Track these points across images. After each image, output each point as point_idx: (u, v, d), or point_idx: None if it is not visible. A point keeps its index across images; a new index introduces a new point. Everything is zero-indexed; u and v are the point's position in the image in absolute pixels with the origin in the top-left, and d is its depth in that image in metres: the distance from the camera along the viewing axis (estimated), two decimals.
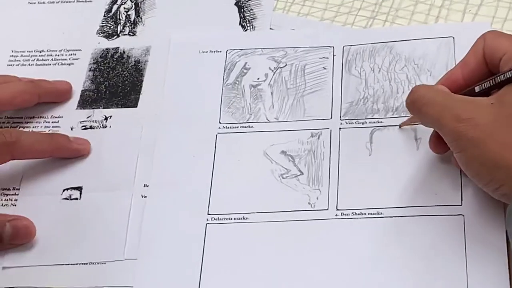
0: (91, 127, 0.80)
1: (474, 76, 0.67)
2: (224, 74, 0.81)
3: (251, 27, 0.85)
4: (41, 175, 0.77)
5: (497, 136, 0.62)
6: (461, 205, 0.69)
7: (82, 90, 0.83)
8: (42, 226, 0.75)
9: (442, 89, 0.67)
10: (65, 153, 0.77)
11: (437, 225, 0.69)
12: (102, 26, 0.87)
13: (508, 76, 0.64)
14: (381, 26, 0.83)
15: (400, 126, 0.74)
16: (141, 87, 0.82)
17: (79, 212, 0.75)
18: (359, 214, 0.71)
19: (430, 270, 0.67)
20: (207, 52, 0.83)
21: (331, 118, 0.77)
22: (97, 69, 0.84)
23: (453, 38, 0.79)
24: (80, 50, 0.86)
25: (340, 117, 0.77)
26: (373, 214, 0.71)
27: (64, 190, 0.76)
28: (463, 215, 0.69)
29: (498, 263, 0.67)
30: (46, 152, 0.76)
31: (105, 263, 0.72)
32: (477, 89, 0.66)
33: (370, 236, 0.70)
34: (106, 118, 0.80)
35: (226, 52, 0.83)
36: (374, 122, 0.76)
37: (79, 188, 0.76)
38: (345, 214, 0.71)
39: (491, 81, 0.65)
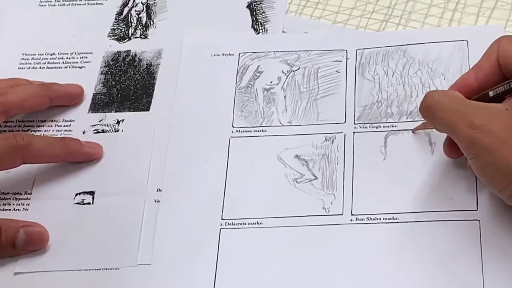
0: (103, 131, 0.80)
1: (488, 81, 0.67)
2: (236, 78, 0.81)
3: (263, 30, 0.84)
4: (53, 180, 0.77)
5: (511, 142, 0.61)
6: (476, 210, 0.69)
7: (93, 94, 0.82)
8: (54, 231, 0.74)
9: (456, 95, 0.66)
10: (77, 157, 0.77)
11: (452, 231, 0.69)
12: (114, 29, 0.87)
13: None
14: (394, 30, 0.82)
15: (413, 131, 0.74)
16: (153, 90, 0.81)
17: (91, 216, 0.75)
18: (374, 219, 0.70)
19: (446, 276, 0.67)
20: (219, 55, 0.83)
21: (345, 122, 0.76)
22: (109, 72, 0.83)
23: (467, 41, 0.78)
24: (91, 53, 0.85)
25: (354, 121, 0.76)
26: (388, 219, 0.70)
27: (76, 195, 0.76)
28: (479, 220, 0.69)
29: None
30: (58, 156, 0.76)
31: (118, 269, 0.71)
32: (491, 93, 0.66)
33: (385, 241, 0.70)
34: (118, 122, 0.80)
35: (239, 55, 0.82)
36: (388, 126, 0.75)
37: (92, 193, 0.75)
38: (360, 219, 0.71)
39: (505, 85, 0.65)
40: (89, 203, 0.75)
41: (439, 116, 0.65)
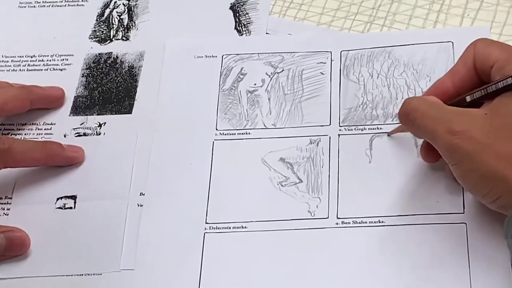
0: (84, 134, 0.78)
1: (465, 85, 0.66)
2: (220, 80, 0.80)
3: (246, 31, 0.83)
4: (34, 184, 0.76)
5: (492, 147, 0.61)
6: (463, 213, 0.69)
7: (75, 96, 0.81)
8: (35, 236, 0.73)
9: (434, 101, 0.66)
10: (59, 161, 0.75)
11: (439, 234, 0.68)
12: (95, 30, 0.86)
13: (500, 86, 0.63)
14: (379, 31, 0.81)
15: (389, 134, 0.73)
16: (135, 93, 0.80)
17: (73, 221, 0.74)
18: (360, 223, 0.70)
19: (433, 280, 0.67)
20: (202, 57, 0.82)
21: (330, 124, 0.75)
22: (90, 75, 0.82)
23: (452, 42, 0.78)
24: (72, 55, 0.84)
25: (339, 123, 0.75)
26: (374, 222, 0.70)
27: (58, 199, 0.75)
28: (466, 224, 0.68)
29: (502, 272, 0.66)
30: (39, 160, 0.75)
31: (101, 274, 0.70)
32: (468, 98, 0.65)
33: (371, 245, 0.69)
34: (100, 125, 0.79)
35: (222, 57, 0.81)
36: (373, 129, 0.75)
37: (73, 197, 0.74)
38: (346, 223, 0.70)
39: (482, 90, 0.64)
40: (70, 208, 0.74)
41: (418, 123, 0.65)
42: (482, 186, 0.61)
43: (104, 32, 0.85)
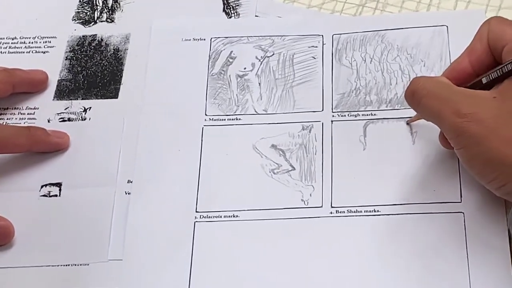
0: (69, 119, 0.76)
1: (483, 64, 0.64)
2: (209, 64, 0.78)
3: (235, 14, 0.81)
4: (16, 170, 0.73)
5: (500, 132, 0.59)
6: (460, 202, 0.67)
7: (58, 80, 0.79)
8: (19, 224, 0.71)
9: (442, 81, 0.64)
10: (44, 147, 0.73)
11: (436, 223, 0.67)
12: (78, 12, 0.83)
13: (509, 69, 0.61)
14: (371, 14, 0.80)
15: (407, 122, 0.71)
16: (121, 77, 0.78)
17: (59, 209, 0.71)
18: (354, 212, 0.68)
19: (430, 270, 0.65)
20: (190, 40, 0.79)
21: (322, 110, 0.74)
22: (74, 58, 0.80)
23: (447, 26, 0.76)
24: (55, 37, 0.82)
25: (332, 109, 0.74)
26: (370, 211, 0.68)
27: (42, 187, 0.72)
28: (463, 213, 0.67)
29: (501, 260, 0.65)
30: (23, 147, 0.72)
31: (88, 265, 0.68)
32: (484, 80, 0.63)
33: (367, 234, 0.68)
34: (85, 110, 0.76)
35: (211, 40, 0.79)
36: (367, 115, 0.73)
37: (58, 184, 0.72)
38: (340, 212, 0.68)
39: (498, 71, 0.62)
40: (56, 195, 0.72)
41: (424, 103, 0.63)
42: (488, 172, 0.60)
43: (88, 13, 0.83)
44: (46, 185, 0.72)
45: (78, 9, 0.83)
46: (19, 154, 0.74)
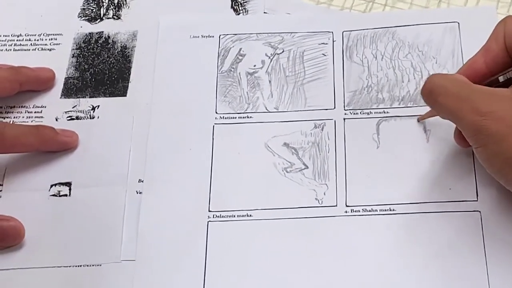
0: (77, 118, 0.75)
1: (498, 64, 0.64)
2: (218, 61, 0.77)
3: (244, 10, 0.80)
4: (26, 170, 0.72)
5: None
6: (477, 200, 0.67)
7: (65, 78, 0.78)
8: (29, 225, 0.70)
9: (460, 79, 0.63)
10: (52, 146, 0.72)
11: (452, 222, 0.66)
12: (84, 8, 0.82)
13: None
14: (381, 11, 0.79)
15: (418, 119, 0.70)
16: (129, 74, 0.77)
17: (69, 209, 0.70)
18: (370, 211, 0.68)
19: (447, 269, 0.65)
20: (198, 37, 0.78)
21: (334, 108, 0.73)
22: (81, 55, 0.79)
23: (458, 23, 0.76)
24: (61, 34, 0.81)
25: (344, 107, 0.73)
26: (385, 210, 0.67)
27: (51, 186, 0.71)
28: (480, 211, 0.66)
29: None
30: (32, 146, 0.71)
31: (100, 265, 0.67)
32: (501, 79, 0.63)
33: (382, 234, 0.67)
34: (93, 108, 0.75)
35: (219, 37, 0.78)
36: (380, 113, 0.72)
37: (68, 184, 0.71)
38: (355, 211, 0.68)
39: None
40: (65, 195, 0.71)
41: (441, 101, 0.62)
42: (508, 171, 0.59)
43: (94, 10, 0.82)
44: (55, 185, 0.71)
45: (84, 6, 0.82)
46: (28, 153, 0.72)
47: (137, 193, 0.70)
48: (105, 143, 0.73)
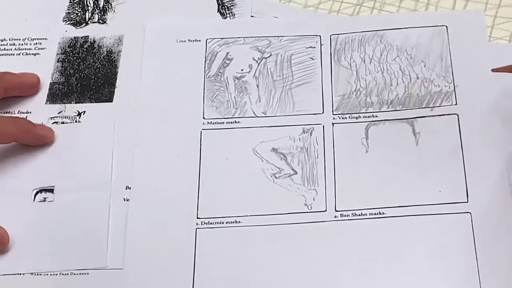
0: (63, 123, 0.74)
1: None
2: (205, 65, 0.76)
3: (230, 14, 0.79)
4: (8, 174, 0.71)
5: None
6: (467, 202, 0.66)
7: (50, 83, 0.77)
8: (12, 230, 0.69)
9: None
10: (30, 138, 0.71)
11: (443, 224, 0.66)
12: (69, 13, 0.81)
13: None
14: (369, 14, 0.78)
15: (492, 70, 0.69)
16: (115, 80, 0.76)
17: (53, 215, 0.69)
18: (359, 215, 0.67)
19: (439, 272, 0.64)
20: (185, 41, 0.78)
21: (323, 112, 0.72)
22: (66, 60, 0.78)
23: (446, 27, 0.75)
24: (45, 39, 0.80)
25: (333, 111, 0.72)
26: (375, 214, 0.67)
27: (36, 192, 0.70)
28: (470, 213, 0.66)
29: (511, 260, 0.64)
30: (11, 136, 0.70)
31: (88, 274, 0.67)
32: None
33: (373, 238, 0.67)
34: (79, 114, 0.74)
35: (206, 41, 0.77)
36: (369, 117, 0.72)
37: (51, 189, 0.70)
38: (345, 216, 0.67)
39: None
40: (50, 200, 0.70)
41: None
42: None
43: (79, 14, 0.81)
44: (39, 190, 0.70)
45: (69, 9, 0.81)
46: (9, 157, 0.72)
47: (125, 200, 0.70)
48: (88, 148, 0.73)
